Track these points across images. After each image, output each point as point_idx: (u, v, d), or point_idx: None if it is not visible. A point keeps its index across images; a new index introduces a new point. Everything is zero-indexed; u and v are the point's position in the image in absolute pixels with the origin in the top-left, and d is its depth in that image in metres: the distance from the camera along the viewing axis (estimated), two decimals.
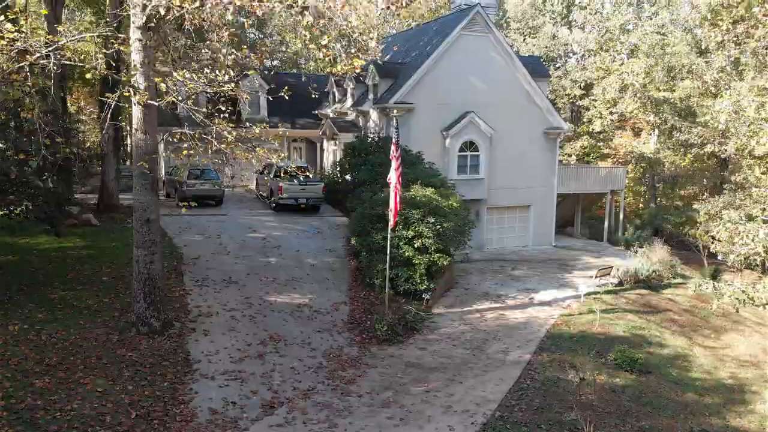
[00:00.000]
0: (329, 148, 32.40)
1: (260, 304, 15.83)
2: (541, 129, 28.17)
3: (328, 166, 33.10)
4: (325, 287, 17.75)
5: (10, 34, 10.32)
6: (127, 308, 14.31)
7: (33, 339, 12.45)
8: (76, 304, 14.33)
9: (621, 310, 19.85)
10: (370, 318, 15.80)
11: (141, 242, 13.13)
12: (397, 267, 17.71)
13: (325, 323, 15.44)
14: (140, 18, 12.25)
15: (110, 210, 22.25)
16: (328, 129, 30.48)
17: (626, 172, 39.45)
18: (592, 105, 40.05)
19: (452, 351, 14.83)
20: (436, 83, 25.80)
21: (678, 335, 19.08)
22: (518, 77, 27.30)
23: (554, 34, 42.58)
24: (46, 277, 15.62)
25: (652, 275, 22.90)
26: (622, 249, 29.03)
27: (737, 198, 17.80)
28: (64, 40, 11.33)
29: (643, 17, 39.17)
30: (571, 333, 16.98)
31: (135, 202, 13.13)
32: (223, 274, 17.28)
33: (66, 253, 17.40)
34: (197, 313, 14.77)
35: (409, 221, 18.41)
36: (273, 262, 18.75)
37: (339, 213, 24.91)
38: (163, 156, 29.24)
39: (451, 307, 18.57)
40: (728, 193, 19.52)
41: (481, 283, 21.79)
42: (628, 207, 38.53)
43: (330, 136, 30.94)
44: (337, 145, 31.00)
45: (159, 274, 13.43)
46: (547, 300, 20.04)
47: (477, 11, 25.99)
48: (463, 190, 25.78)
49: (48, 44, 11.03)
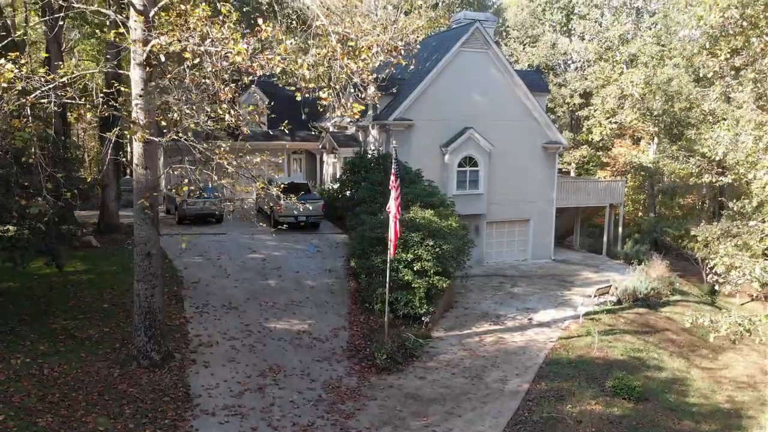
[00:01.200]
0: (329, 160, 32.49)
1: (260, 331, 15.93)
2: (539, 143, 28.25)
3: (327, 178, 33.19)
4: (325, 311, 17.85)
5: (10, 73, 10.43)
6: (127, 338, 14.42)
7: (35, 374, 12.58)
8: (78, 334, 14.44)
9: (619, 331, 19.94)
10: (370, 345, 15.91)
11: (141, 276, 13.23)
12: (397, 290, 17.81)
13: (324, 351, 15.54)
14: (140, 55, 12.34)
15: (111, 230, 22.35)
16: (327, 143, 30.56)
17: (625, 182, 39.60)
18: (591, 115, 40.14)
19: (451, 380, 14.92)
20: (436, 99, 25.89)
21: (676, 356, 19.19)
22: (517, 92, 27.37)
23: (554, 43, 42.64)
24: (47, 306, 15.72)
25: (650, 293, 22.99)
26: (622, 263, 29.11)
27: (735, 225, 17.90)
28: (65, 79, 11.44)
29: (643, 27, 39.21)
30: (569, 358, 17.08)
31: (136, 237, 13.23)
32: (223, 299, 17.38)
33: (67, 278, 17.50)
34: (197, 343, 14.87)
35: (409, 244, 18.50)
36: (272, 285, 18.85)
37: (339, 230, 24.99)
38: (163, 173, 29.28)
39: (450, 329, 18.66)
40: (725, 220, 19.61)
41: (481, 301, 21.89)
42: (627, 215, 38.61)
43: (330, 150, 31.03)
44: (336, 158, 31.09)
45: (159, 307, 13.53)
46: (545, 321, 20.14)
47: (476, 28, 26.05)
48: (462, 206, 25.95)
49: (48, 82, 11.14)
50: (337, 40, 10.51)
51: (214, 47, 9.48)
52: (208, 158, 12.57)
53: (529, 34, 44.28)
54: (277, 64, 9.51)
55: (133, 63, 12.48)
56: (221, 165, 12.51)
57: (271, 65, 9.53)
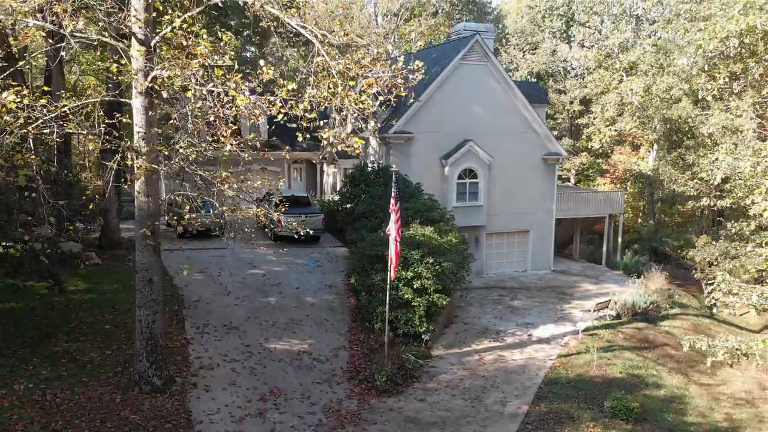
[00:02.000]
0: (329, 170, 32.59)
1: (260, 352, 16.02)
2: (539, 155, 28.33)
3: (328, 188, 33.29)
4: (325, 329, 17.94)
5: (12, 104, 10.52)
6: (129, 361, 14.50)
7: (38, 400, 12.67)
8: (80, 358, 14.53)
9: (618, 347, 20.03)
10: (370, 366, 16.00)
11: (143, 302, 13.31)
12: (397, 309, 17.90)
13: (324, 373, 15.63)
14: (142, 84, 12.42)
15: (112, 246, 22.44)
16: (328, 154, 30.64)
17: (625, 189, 39.67)
18: (591, 122, 40.21)
19: (451, 402, 15.01)
20: (436, 112, 25.97)
21: (674, 373, 19.28)
22: (516, 104, 27.45)
23: (554, 50, 42.69)
24: (49, 327, 15.81)
25: (649, 307, 23.09)
26: (621, 273, 29.22)
27: (733, 247, 17.98)
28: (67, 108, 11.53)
29: (642, 35, 39.25)
30: (568, 377, 17.17)
31: (137, 263, 13.31)
32: (223, 318, 17.47)
33: (68, 297, 17.58)
34: (198, 366, 14.96)
35: (409, 262, 18.58)
36: (273, 303, 18.94)
37: (339, 243, 25.07)
38: (164, 183, 29.38)
39: (450, 347, 18.75)
40: (724, 240, 19.71)
41: (481, 316, 21.98)
42: (627, 222, 38.66)
43: (330, 160, 31.13)
44: (337, 168, 31.20)
45: (161, 332, 13.62)
46: (545, 337, 20.23)
47: (476, 40, 26.13)
48: (462, 217, 26.07)
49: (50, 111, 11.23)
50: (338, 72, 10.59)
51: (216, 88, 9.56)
52: (210, 183, 12.68)
53: (528, 41, 44.32)
54: (279, 110, 9.60)
55: (135, 92, 12.56)
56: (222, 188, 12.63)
57: (272, 111, 9.61)
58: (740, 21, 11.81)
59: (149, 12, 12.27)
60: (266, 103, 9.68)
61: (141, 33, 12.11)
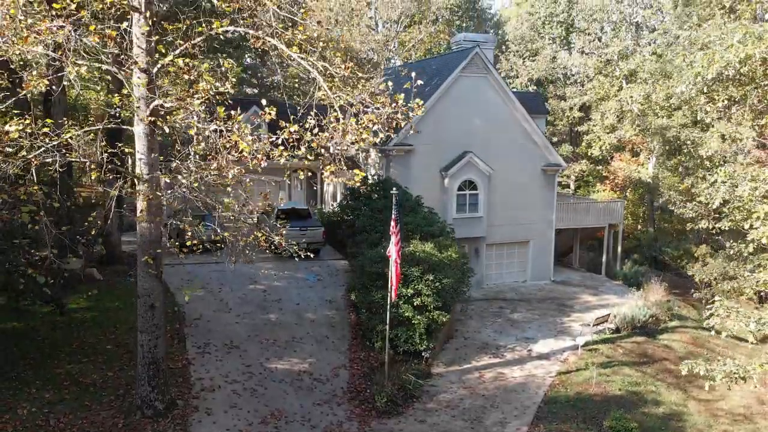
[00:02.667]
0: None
1: (261, 373, 16.10)
2: (539, 166, 28.41)
3: (328, 197, 33.39)
4: (325, 347, 18.03)
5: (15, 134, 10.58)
6: (131, 383, 14.58)
7: (42, 424, 12.77)
8: (82, 380, 14.61)
9: (617, 363, 20.12)
10: (370, 386, 16.08)
11: (145, 327, 13.39)
12: (397, 327, 17.97)
13: (324, 393, 15.72)
14: (144, 111, 12.48)
15: (113, 260, 22.49)
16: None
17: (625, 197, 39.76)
18: (591, 129, 40.28)
19: (451, 423, 15.10)
20: (436, 124, 26.04)
21: (673, 388, 19.36)
22: (516, 116, 27.52)
23: (554, 57, 42.73)
24: (51, 348, 15.88)
25: (648, 320, 23.17)
26: (621, 284, 29.32)
27: (732, 267, 18.06)
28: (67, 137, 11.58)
29: (642, 43, 39.30)
30: (568, 396, 17.26)
31: (139, 288, 13.39)
32: (224, 337, 17.54)
33: (70, 316, 17.64)
34: (200, 387, 15.05)
35: (409, 279, 18.65)
36: (273, 320, 19.02)
37: (339, 256, 25.12)
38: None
39: (450, 364, 18.84)
40: (722, 260, 19.82)
41: (481, 330, 22.07)
42: (626, 228, 38.73)
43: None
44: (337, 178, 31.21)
45: (162, 356, 13.70)
46: (545, 352, 20.32)
47: (476, 53, 26.19)
48: (462, 229, 26.18)
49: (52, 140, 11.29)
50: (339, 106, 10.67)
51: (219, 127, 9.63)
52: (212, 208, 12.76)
53: (528, 48, 44.37)
54: (281, 154, 9.68)
55: (137, 119, 12.62)
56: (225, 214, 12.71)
57: (274, 157, 9.71)
58: (739, 50, 11.88)
59: (150, 39, 12.35)
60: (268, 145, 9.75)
61: (143, 61, 12.19)
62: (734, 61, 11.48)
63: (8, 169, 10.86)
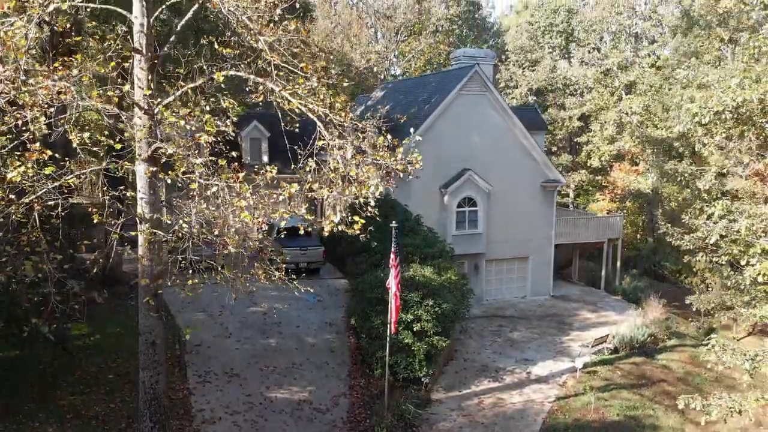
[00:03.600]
0: None
1: (261, 403, 16.20)
2: (538, 182, 28.49)
3: (329, 211, 33.42)
4: (325, 374, 18.12)
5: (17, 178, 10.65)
6: (132, 416, 14.68)
7: None
8: (84, 412, 14.72)
9: (616, 386, 20.24)
10: (370, 416, 16.19)
11: (146, 364, 13.47)
12: (397, 353, 18.07)
13: (324, 424, 15.82)
14: (146, 151, 12.55)
15: (113, 282, 22.55)
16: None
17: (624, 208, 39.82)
18: (590, 140, 40.35)
19: None
20: (435, 141, 26.10)
21: (671, 411, 19.47)
22: (515, 133, 27.61)
23: (553, 66, 42.77)
24: (53, 378, 15.98)
25: (647, 340, 23.29)
26: (620, 299, 29.43)
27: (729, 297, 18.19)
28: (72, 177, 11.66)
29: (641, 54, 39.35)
30: (566, 423, 17.38)
31: (141, 326, 13.47)
32: (225, 365, 17.64)
33: (72, 343, 17.73)
34: (201, 420, 15.15)
35: (408, 304, 18.74)
36: (273, 345, 19.11)
37: (339, 274, 25.20)
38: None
39: (450, 389, 18.94)
40: (721, 289, 19.95)
41: (480, 351, 22.17)
42: (626, 237, 38.78)
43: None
44: None
45: (163, 392, 13.78)
46: (543, 375, 20.43)
47: (476, 71, 26.25)
48: (462, 245, 26.30)
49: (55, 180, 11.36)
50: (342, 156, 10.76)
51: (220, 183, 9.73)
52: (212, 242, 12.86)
53: (528, 58, 44.41)
54: (281, 214, 9.78)
55: (138, 158, 12.70)
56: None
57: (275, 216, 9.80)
58: (737, 93, 11.96)
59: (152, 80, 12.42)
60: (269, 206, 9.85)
61: (145, 102, 12.26)
62: (731, 105, 11.58)
63: (11, 214, 10.95)
